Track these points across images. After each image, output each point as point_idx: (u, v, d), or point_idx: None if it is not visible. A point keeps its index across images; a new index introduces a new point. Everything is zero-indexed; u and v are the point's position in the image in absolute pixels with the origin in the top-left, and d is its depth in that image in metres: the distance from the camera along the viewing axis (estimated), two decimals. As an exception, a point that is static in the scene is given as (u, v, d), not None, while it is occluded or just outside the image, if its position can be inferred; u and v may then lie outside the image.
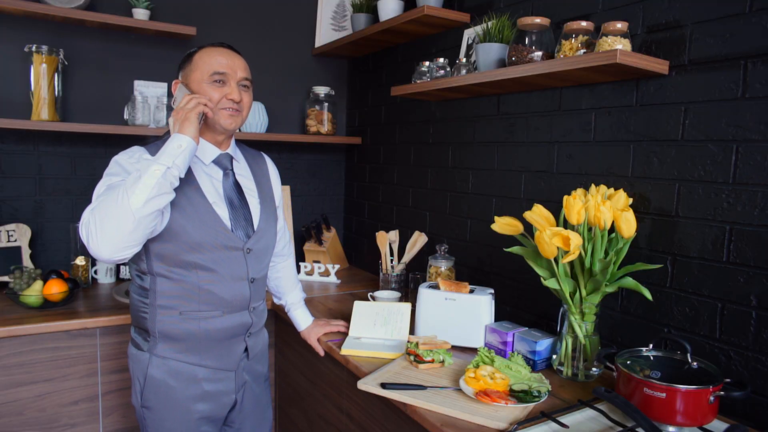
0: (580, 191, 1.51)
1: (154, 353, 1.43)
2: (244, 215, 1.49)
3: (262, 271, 1.56)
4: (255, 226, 1.51)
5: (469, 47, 2.08)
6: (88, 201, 2.39)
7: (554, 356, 1.52)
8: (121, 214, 1.20)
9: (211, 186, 1.45)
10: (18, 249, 2.26)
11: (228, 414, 1.57)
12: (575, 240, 1.35)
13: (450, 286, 1.73)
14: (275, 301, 1.89)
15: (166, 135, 1.49)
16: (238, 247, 1.45)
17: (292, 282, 1.84)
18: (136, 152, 1.41)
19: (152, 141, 1.48)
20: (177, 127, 1.32)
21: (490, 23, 1.81)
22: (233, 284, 1.46)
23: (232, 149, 1.56)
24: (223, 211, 1.44)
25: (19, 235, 2.27)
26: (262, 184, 1.60)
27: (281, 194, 1.72)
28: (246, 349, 1.55)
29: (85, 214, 1.27)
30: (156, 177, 1.22)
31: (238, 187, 1.51)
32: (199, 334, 1.44)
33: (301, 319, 1.83)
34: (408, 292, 2.18)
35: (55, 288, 1.99)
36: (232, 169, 1.52)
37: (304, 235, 2.80)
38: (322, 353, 1.77)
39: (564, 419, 1.21)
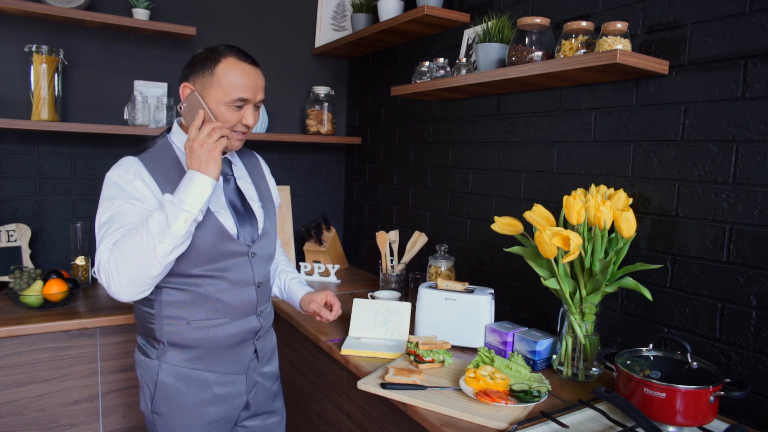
0: (580, 191, 1.51)
1: (163, 360, 1.41)
2: (249, 220, 1.46)
3: (267, 274, 1.54)
4: (259, 230, 1.49)
5: (469, 47, 2.08)
6: (89, 201, 2.43)
7: (554, 356, 1.52)
8: (146, 261, 1.21)
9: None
10: (18, 249, 2.26)
11: (240, 414, 1.55)
12: (575, 240, 1.35)
13: (444, 284, 1.73)
14: (272, 292, 1.75)
15: (160, 137, 1.45)
16: (244, 252, 1.43)
17: (285, 261, 1.77)
18: (132, 166, 1.34)
19: (146, 146, 1.42)
20: (198, 164, 1.27)
21: (490, 23, 1.81)
22: (240, 290, 1.43)
23: (230, 153, 1.53)
24: (227, 219, 1.41)
25: (19, 235, 2.27)
26: (260, 186, 1.58)
27: (277, 191, 1.69)
28: (255, 352, 1.53)
29: (101, 256, 1.25)
30: (186, 227, 1.23)
31: (239, 191, 1.49)
32: (207, 342, 1.41)
33: (299, 289, 1.70)
34: (408, 292, 2.18)
35: (55, 288, 1.99)
36: (232, 174, 1.50)
37: (304, 235, 2.80)
38: (328, 318, 1.64)
39: (564, 419, 1.21)
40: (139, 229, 1.23)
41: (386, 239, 2.22)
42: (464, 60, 1.99)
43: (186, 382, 1.42)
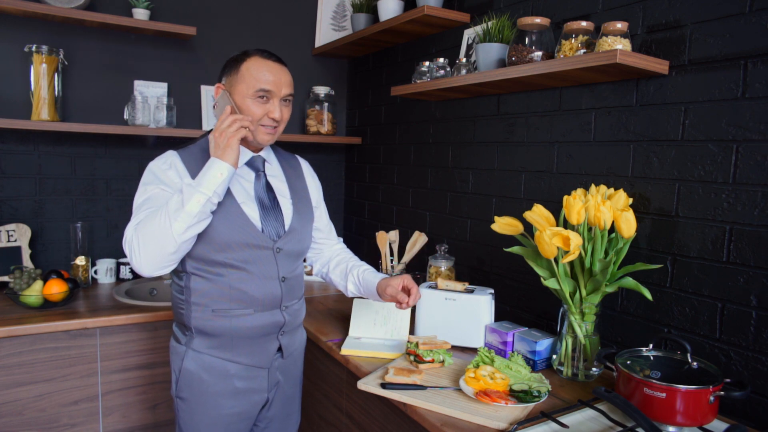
0: (580, 191, 1.51)
1: (190, 347, 1.48)
2: (275, 215, 1.51)
3: (294, 270, 1.57)
4: (286, 227, 1.53)
5: (469, 47, 2.08)
6: (89, 201, 2.44)
7: (554, 356, 1.52)
8: (163, 238, 1.30)
9: (241, 187, 1.49)
10: (18, 249, 2.26)
11: (258, 413, 1.58)
12: (575, 240, 1.35)
13: (444, 284, 1.73)
14: (348, 291, 1.69)
15: (202, 138, 1.53)
16: (268, 246, 1.47)
17: (355, 258, 1.75)
18: (169, 158, 1.45)
19: (189, 142, 1.51)
20: (218, 151, 1.35)
21: (490, 23, 1.81)
22: (264, 283, 1.48)
23: (265, 152, 1.58)
24: (252, 211, 1.47)
25: (19, 235, 2.27)
26: (295, 186, 1.62)
27: (320, 194, 1.73)
28: (280, 348, 1.56)
29: (128, 231, 1.35)
30: (198, 207, 1.31)
31: (269, 188, 1.54)
32: (231, 331, 1.47)
33: (374, 277, 1.63)
34: (408, 292, 2.18)
35: (55, 288, 1.99)
36: (263, 171, 1.55)
37: (304, 235, 2.80)
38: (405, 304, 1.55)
39: (564, 419, 1.21)
40: (160, 209, 1.32)
41: (386, 239, 2.22)
42: (464, 60, 1.99)
43: (208, 371, 1.48)
